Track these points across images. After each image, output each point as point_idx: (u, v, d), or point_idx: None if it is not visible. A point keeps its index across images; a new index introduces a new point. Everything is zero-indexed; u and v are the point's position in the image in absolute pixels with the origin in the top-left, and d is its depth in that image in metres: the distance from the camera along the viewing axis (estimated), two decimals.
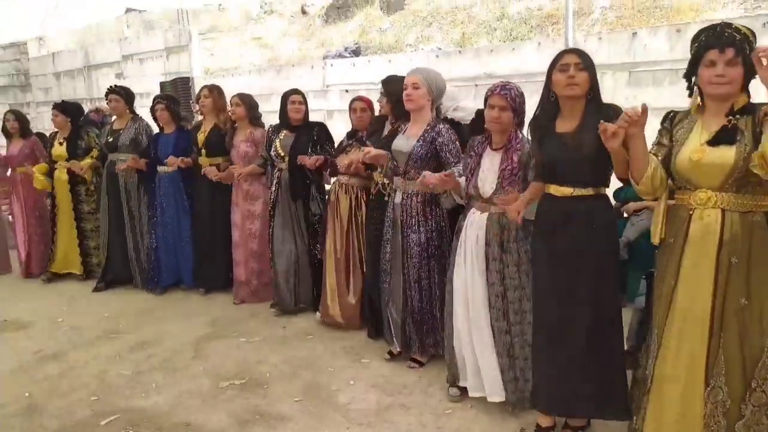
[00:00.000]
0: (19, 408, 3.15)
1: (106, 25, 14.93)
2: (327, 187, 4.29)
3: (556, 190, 2.48)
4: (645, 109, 2.10)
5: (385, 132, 3.70)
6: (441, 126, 3.23)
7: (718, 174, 2.08)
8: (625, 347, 2.85)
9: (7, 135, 5.72)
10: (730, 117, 2.08)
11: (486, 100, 2.80)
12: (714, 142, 2.09)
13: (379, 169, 3.58)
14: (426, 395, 3.09)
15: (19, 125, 5.64)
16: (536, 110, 2.56)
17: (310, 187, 4.22)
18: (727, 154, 2.05)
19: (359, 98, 4.06)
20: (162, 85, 10.60)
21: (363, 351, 3.65)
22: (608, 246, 2.48)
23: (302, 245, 4.27)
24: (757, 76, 1.98)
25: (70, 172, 5.25)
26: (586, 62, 2.40)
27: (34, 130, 5.98)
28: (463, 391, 3.02)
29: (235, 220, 4.63)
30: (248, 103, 4.52)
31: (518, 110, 2.76)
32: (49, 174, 5.43)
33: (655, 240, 2.29)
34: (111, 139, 5.06)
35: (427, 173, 3.03)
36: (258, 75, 9.86)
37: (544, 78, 2.51)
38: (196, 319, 4.30)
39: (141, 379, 3.41)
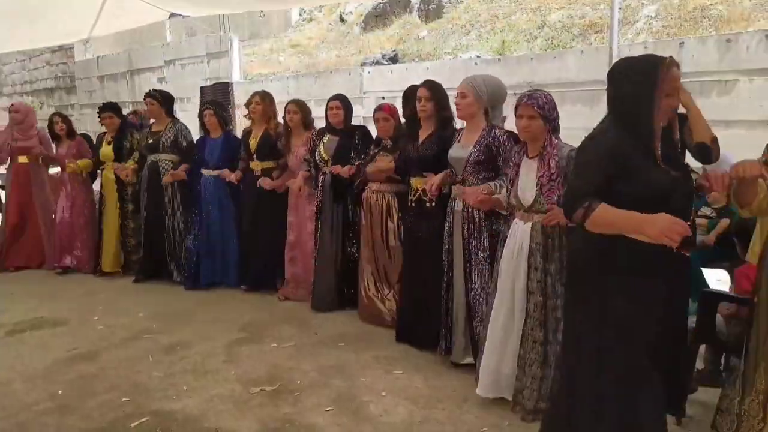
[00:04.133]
0: (51, 406, 3.16)
1: (149, 30, 15.25)
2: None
3: None
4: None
5: (422, 138, 3.65)
6: (497, 131, 3.18)
7: None
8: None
9: (55, 137, 5.86)
10: None
11: (516, 110, 2.78)
12: None
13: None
14: (461, 411, 2.98)
15: (66, 127, 5.82)
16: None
17: (349, 190, 4.32)
18: None
19: (380, 107, 4.14)
20: (202, 89, 10.73)
21: (395, 361, 3.57)
22: None
23: (341, 246, 4.38)
24: None
25: (116, 172, 5.39)
26: None
27: (78, 132, 6.11)
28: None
29: (291, 221, 4.69)
30: (304, 109, 4.67)
31: (548, 117, 2.72)
32: (93, 173, 5.73)
33: (753, 258, 2.28)
34: (151, 141, 5.22)
35: (467, 190, 3.06)
36: (296, 81, 9.91)
37: (586, 87, 2.40)
38: (230, 323, 4.29)
39: (172, 382, 3.39)
